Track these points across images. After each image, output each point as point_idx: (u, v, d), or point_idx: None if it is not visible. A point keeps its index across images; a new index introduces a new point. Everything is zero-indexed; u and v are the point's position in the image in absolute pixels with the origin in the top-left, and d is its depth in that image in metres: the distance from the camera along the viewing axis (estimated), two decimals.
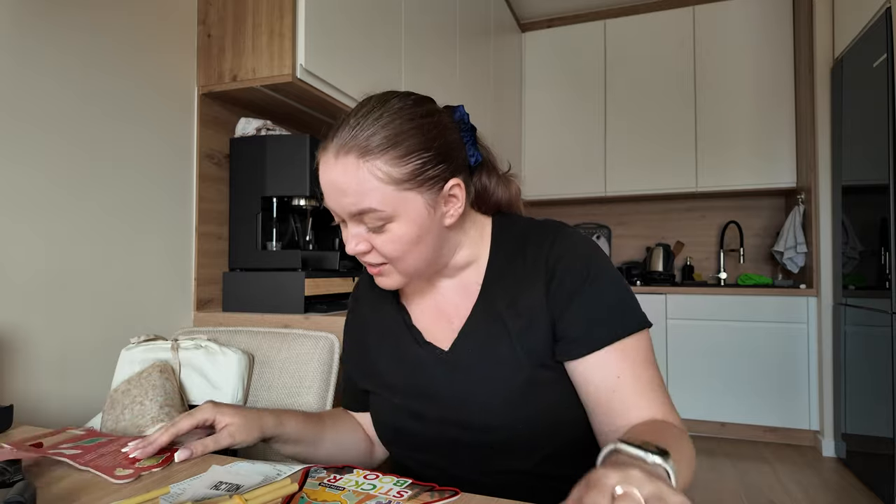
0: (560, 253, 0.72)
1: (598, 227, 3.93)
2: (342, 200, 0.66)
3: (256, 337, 1.17)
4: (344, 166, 0.65)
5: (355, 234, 0.69)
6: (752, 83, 3.36)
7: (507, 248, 0.77)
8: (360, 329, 0.86)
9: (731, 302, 3.12)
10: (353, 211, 0.66)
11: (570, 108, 3.76)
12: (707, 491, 2.43)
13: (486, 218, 0.80)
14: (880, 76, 2.29)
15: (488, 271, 0.76)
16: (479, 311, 0.74)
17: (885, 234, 2.28)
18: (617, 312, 0.69)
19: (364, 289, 0.88)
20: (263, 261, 1.57)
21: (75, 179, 1.23)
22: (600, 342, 0.67)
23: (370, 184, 0.64)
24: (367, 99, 0.70)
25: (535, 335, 0.70)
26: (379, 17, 1.92)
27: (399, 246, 0.67)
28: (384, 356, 0.80)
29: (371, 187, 0.64)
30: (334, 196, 0.67)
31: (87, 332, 1.25)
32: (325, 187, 0.68)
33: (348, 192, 0.65)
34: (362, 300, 0.88)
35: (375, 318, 0.84)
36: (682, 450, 0.58)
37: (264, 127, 1.61)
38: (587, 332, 0.68)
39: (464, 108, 0.76)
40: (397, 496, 0.58)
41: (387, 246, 0.67)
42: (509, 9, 3.58)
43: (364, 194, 0.64)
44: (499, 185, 0.80)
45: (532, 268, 0.73)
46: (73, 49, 1.22)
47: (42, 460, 0.68)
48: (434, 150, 0.67)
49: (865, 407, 2.48)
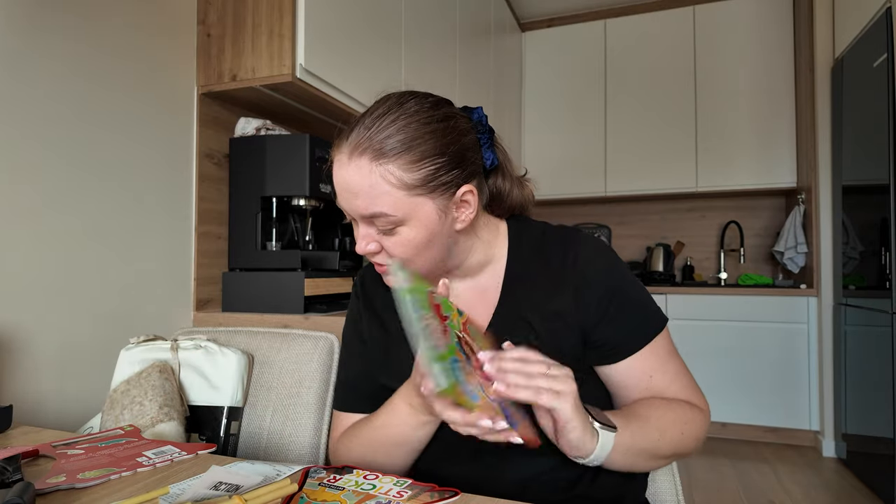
0: (588, 258, 0.73)
1: (598, 227, 3.92)
2: (354, 202, 0.66)
3: (256, 337, 1.17)
4: (357, 168, 0.65)
5: (365, 234, 0.69)
6: (752, 83, 3.36)
7: (525, 252, 0.77)
8: (375, 323, 0.81)
9: (731, 302, 3.12)
10: (364, 213, 0.66)
11: (570, 108, 3.75)
12: (707, 491, 2.43)
13: (500, 221, 0.80)
14: (880, 76, 2.29)
15: (507, 274, 0.76)
16: (501, 314, 0.74)
17: (886, 234, 2.27)
18: (645, 316, 0.74)
19: (373, 285, 0.84)
20: (263, 261, 1.57)
21: (75, 179, 1.23)
22: (635, 348, 0.72)
23: (382, 188, 0.64)
24: (384, 98, 0.69)
25: (563, 338, 0.71)
26: (379, 16, 1.92)
27: (408, 249, 0.68)
28: (405, 356, 0.77)
29: (382, 191, 0.64)
30: (346, 196, 0.67)
31: (87, 332, 1.25)
32: (338, 187, 0.68)
33: (360, 194, 0.65)
34: (372, 297, 0.83)
35: (390, 314, 0.79)
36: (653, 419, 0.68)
37: (264, 127, 1.61)
38: (622, 340, 0.72)
39: (482, 110, 0.76)
40: (397, 496, 0.57)
41: (396, 248, 0.68)
42: (509, 9, 3.57)
43: (375, 198, 0.64)
44: (514, 189, 0.80)
45: (558, 272, 0.73)
46: (72, 49, 1.22)
47: (41, 460, 0.68)
48: (448, 156, 0.67)
49: (865, 407, 2.48)
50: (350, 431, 0.78)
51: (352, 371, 0.83)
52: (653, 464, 0.71)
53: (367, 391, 0.80)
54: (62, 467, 0.66)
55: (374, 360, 0.80)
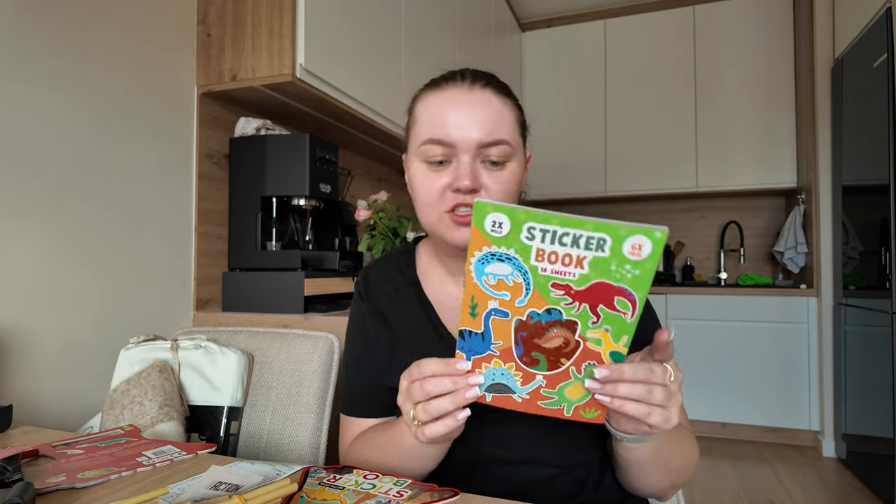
0: None
1: None
2: (472, 130, 0.66)
3: (256, 337, 1.17)
4: (484, 97, 0.68)
5: (473, 169, 0.67)
6: (752, 83, 3.36)
7: None
8: (379, 323, 0.79)
9: (731, 302, 3.12)
10: (485, 141, 0.66)
11: (570, 108, 3.75)
12: (707, 491, 2.43)
13: None
14: (880, 76, 2.29)
15: None
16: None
17: (886, 234, 2.27)
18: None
19: (376, 282, 0.81)
20: (263, 261, 1.57)
21: (74, 179, 1.23)
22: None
23: (506, 116, 0.68)
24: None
25: None
26: (379, 16, 1.92)
27: (508, 187, 0.68)
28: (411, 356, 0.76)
29: (507, 119, 0.68)
30: (465, 125, 0.66)
31: (87, 332, 1.25)
32: (456, 117, 0.67)
33: (486, 120, 0.67)
34: (376, 294, 0.80)
35: (396, 313, 0.78)
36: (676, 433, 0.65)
37: (264, 126, 1.61)
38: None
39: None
40: (397, 496, 0.57)
41: (499, 185, 0.68)
42: (509, 8, 3.57)
43: (501, 125, 0.67)
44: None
45: None
46: (72, 49, 1.22)
47: (41, 460, 0.68)
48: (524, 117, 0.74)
49: (865, 407, 2.48)
50: (361, 441, 0.75)
51: (358, 374, 0.80)
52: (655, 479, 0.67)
53: (375, 394, 0.77)
54: (62, 467, 0.66)
55: (381, 362, 0.77)
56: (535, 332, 0.52)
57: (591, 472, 0.72)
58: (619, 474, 0.71)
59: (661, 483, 0.67)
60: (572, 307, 0.50)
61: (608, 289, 0.49)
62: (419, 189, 0.70)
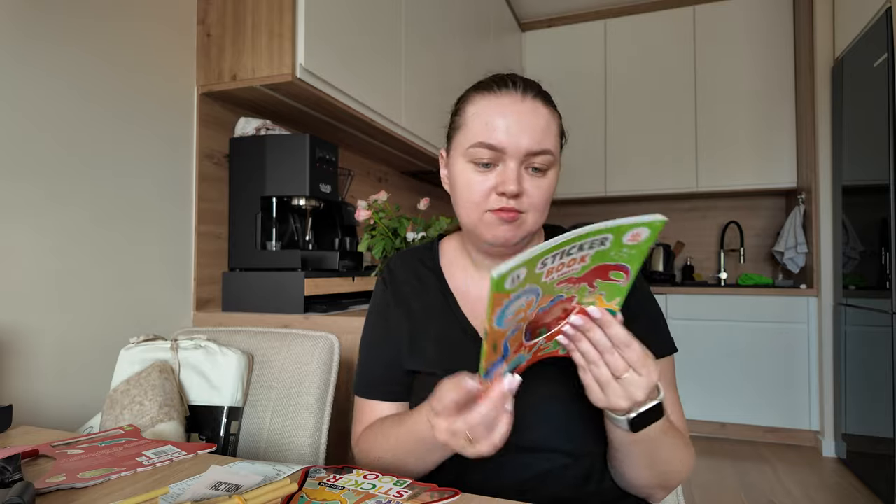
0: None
1: None
2: (522, 138, 0.69)
3: (256, 337, 1.17)
4: (534, 106, 0.71)
5: (518, 174, 0.70)
6: (752, 83, 3.36)
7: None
8: (402, 309, 0.81)
9: (731, 302, 3.12)
10: (533, 149, 0.69)
11: (570, 108, 3.75)
12: (707, 491, 2.43)
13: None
14: (880, 76, 2.29)
15: None
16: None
17: (886, 234, 2.27)
18: (659, 335, 0.76)
19: (401, 271, 0.85)
20: (263, 261, 1.57)
21: (74, 179, 1.23)
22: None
23: (552, 128, 0.72)
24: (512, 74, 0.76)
25: None
26: (379, 16, 1.92)
27: (547, 194, 0.72)
28: (433, 341, 0.78)
29: (551, 131, 0.71)
30: (516, 132, 0.69)
31: (87, 333, 1.25)
32: (509, 124, 0.69)
33: (536, 129, 0.69)
34: (400, 283, 0.84)
35: (419, 300, 0.81)
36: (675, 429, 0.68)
37: (264, 126, 1.61)
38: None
39: None
40: (397, 496, 0.57)
41: (536, 192, 0.71)
42: (509, 8, 3.57)
43: (547, 135, 0.70)
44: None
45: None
46: (72, 49, 1.22)
47: (41, 460, 0.68)
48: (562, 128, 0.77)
49: (865, 407, 2.48)
50: (376, 429, 0.77)
51: (375, 356, 0.82)
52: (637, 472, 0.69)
53: (389, 377, 0.80)
54: (62, 467, 0.66)
55: (400, 347, 0.80)
56: (539, 317, 0.56)
57: (597, 464, 0.72)
58: (609, 462, 0.72)
59: (647, 479, 0.69)
60: (573, 289, 0.54)
61: (606, 267, 0.53)
62: (463, 188, 0.73)
